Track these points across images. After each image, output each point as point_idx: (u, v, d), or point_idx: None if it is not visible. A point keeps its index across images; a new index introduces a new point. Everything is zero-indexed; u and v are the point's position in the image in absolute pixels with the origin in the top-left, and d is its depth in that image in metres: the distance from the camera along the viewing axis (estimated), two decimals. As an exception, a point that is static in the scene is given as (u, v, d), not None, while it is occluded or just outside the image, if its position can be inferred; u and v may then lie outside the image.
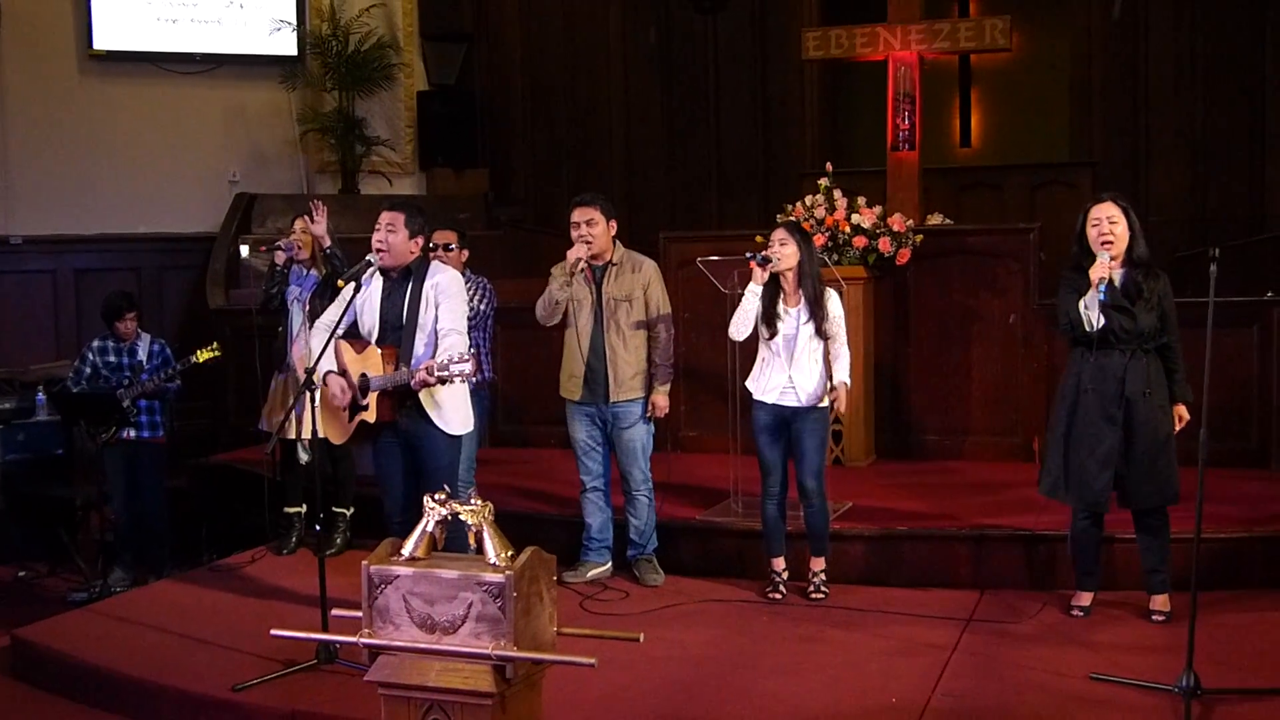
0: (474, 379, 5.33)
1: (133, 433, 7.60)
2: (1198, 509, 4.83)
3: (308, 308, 6.97)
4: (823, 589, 6.23)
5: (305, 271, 7.15)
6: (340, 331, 5.60)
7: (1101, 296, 5.38)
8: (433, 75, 13.28)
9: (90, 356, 7.67)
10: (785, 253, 6.01)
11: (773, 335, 6.08)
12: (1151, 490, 5.55)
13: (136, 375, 7.53)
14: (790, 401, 6.08)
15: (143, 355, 7.66)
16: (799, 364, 6.06)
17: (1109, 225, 5.50)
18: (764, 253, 6.01)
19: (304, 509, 7.30)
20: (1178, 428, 5.56)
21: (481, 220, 12.64)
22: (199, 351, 7.40)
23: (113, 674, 5.43)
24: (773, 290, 6.07)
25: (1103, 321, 5.45)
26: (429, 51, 13.23)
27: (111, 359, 7.64)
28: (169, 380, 7.52)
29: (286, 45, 12.43)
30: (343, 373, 5.64)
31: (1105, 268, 5.40)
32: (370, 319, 5.71)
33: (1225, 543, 6.17)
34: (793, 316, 6.07)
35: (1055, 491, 5.75)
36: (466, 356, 5.13)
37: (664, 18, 13.42)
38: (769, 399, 6.13)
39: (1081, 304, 5.48)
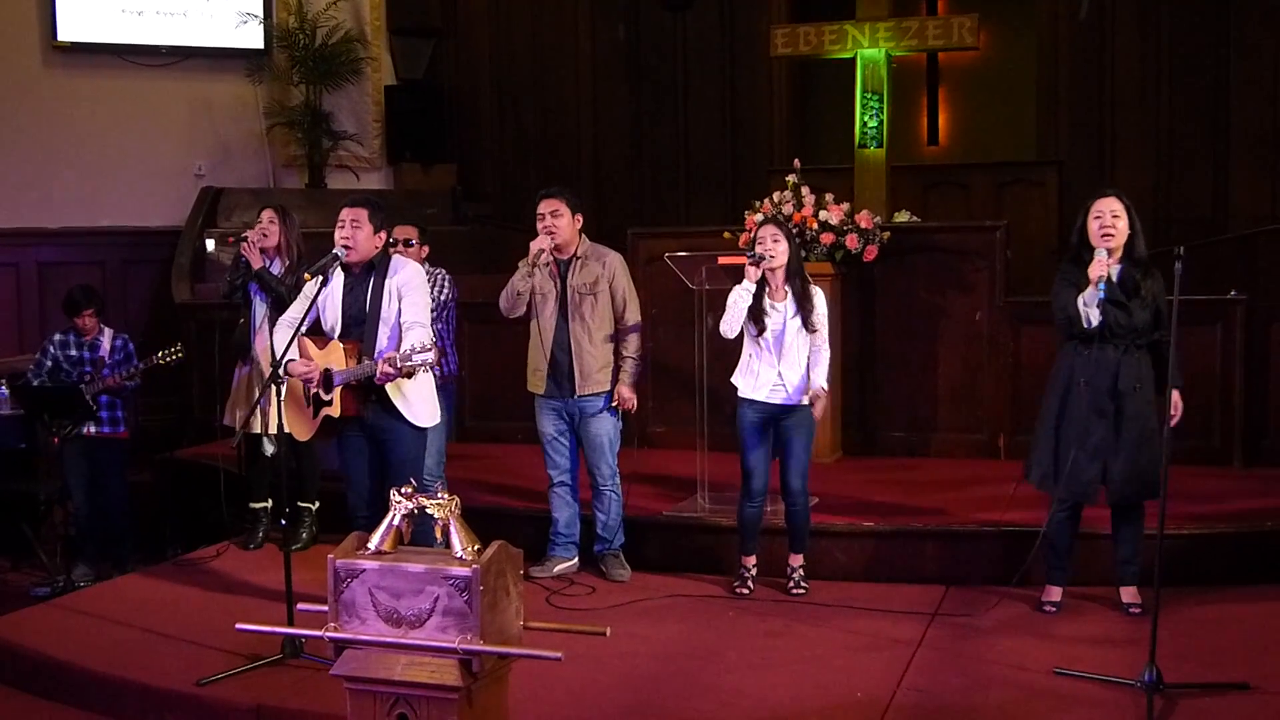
0: (436, 369, 5.32)
1: (93, 428, 7.55)
2: (1161, 505, 4.89)
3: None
4: (803, 584, 6.25)
5: (270, 261, 7.11)
6: (304, 328, 5.59)
7: (1101, 294, 5.41)
8: (400, 70, 13.22)
9: (51, 350, 7.61)
10: (779, 250, 6.03)
11: (761, 332, 6.08)
12: (1137, 484, 5.59)
13: (98, 371, 7.47)
14: (779, 399, 6.10)
15: (104, 350, 7.59)
16: (788, 360, 6.08)
17: (1111, 219, 5.54)
18: (759, 250, 6.02)
19: (270, 504, 7.27)
20: (1175, 416, 5.44)
21: (449, 215, 12.59)
22: (161, 352, 7.35)
23: (76, 669, 5.39)
24: (759, 287, 6.07)
25: (1100, 319, 5.48)
26: (397, 46, 13.17)
27: (73, 353, 7.58)
28: (129, 379, 7.45)
29: (253, 38, 12.34)
30: (306, 368, 5.63)
31: (1104, 265, 5.43)
32: (332, 314, 5.71)
33: (1188, 539, 6.24)
34: (780, 312, 6.08)
35: (1045, 483, 5.78)
36: (429, 346, 5.14)
37: (632, 15, 13.40)
38: (759, 396, 6.13)
39: (1080, 301, 5.50)
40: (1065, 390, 5.68)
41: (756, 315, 6.07)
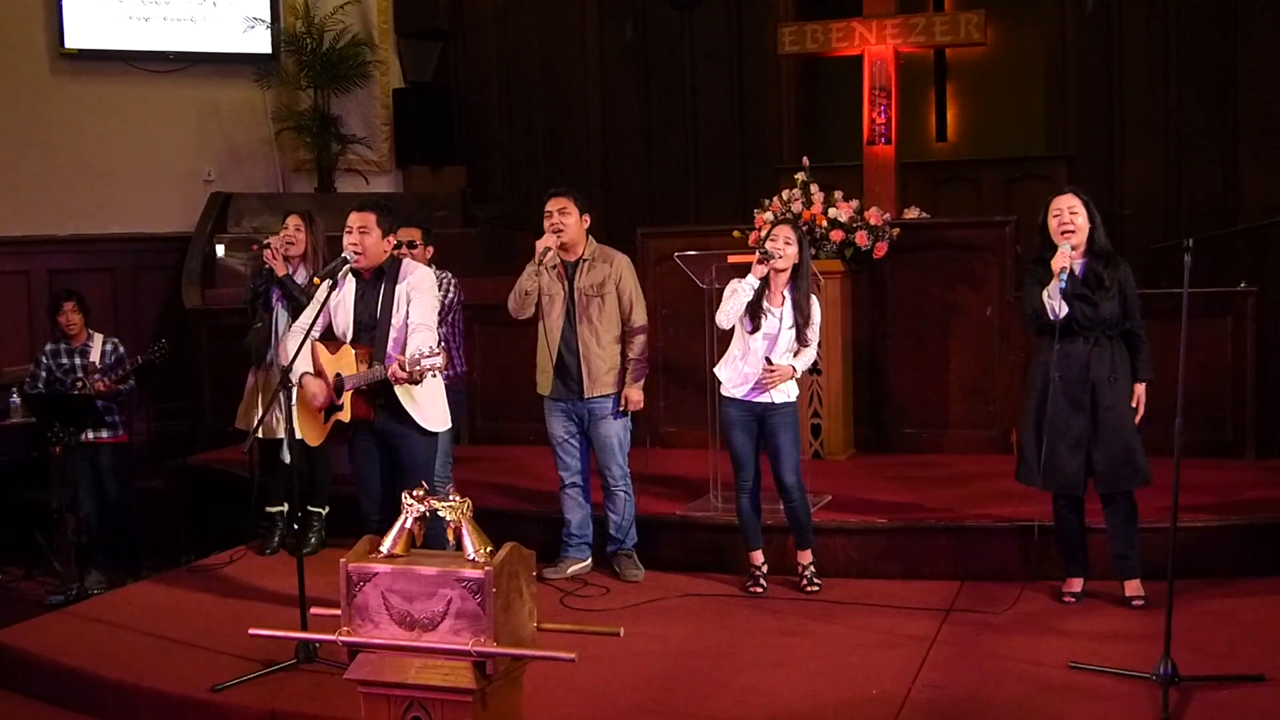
0: (445, 372, 5.31)
1: (92, 434, 7.56)
2: (1174, 498, 4.86)
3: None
4: (815, 581, 6.23)
5: (294, 269, 7.09)
6: (316, 333, 5.59)
7: (1062, 285, 5.50)
8: (409, 72, 13.22)
9: (44, 360, 7.65)
10: (789, 252, 5.98)
11: (755, 329, 6.06)
12: (1120, 473, 5.64)
13: (89, 376, 7.49)
14: (763, 398, 6.08)
15: (95, 356, 7.62)
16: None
17: (1069, 216, 5.65)
18: (769, 248, 5.98)
19: (286, 508, 7.26)
20: (1137, 410, 5.66)
21: (459, 218, 12.61)
22: (148, 350, 7.37)
23: (90, 676, 5.40)
24: (761, 287, 6.05)
25: (1066, 310, 5.56)
26: (405, 49, 13.18)
27: (64, 361, 7.61)
28: (121, 381, 7.47)
29: (260, 43, 12.37)
30: (318, 374, 5.62)
31: (1066, 257, 5.55)
32: (344, 319, 5.70)
33: (1201, 531, 6.21)
34: (776, 316, 6.05)
35: (1030, 478, 5.83)
36: (436, 350, 5.13)
37: (640, 14, 13.40)
38: (740, 394, 6.12)
39: (1045, 294, 5.59)
40: (1043, 386, 5.75)
41: (754, 312, 6.05)
